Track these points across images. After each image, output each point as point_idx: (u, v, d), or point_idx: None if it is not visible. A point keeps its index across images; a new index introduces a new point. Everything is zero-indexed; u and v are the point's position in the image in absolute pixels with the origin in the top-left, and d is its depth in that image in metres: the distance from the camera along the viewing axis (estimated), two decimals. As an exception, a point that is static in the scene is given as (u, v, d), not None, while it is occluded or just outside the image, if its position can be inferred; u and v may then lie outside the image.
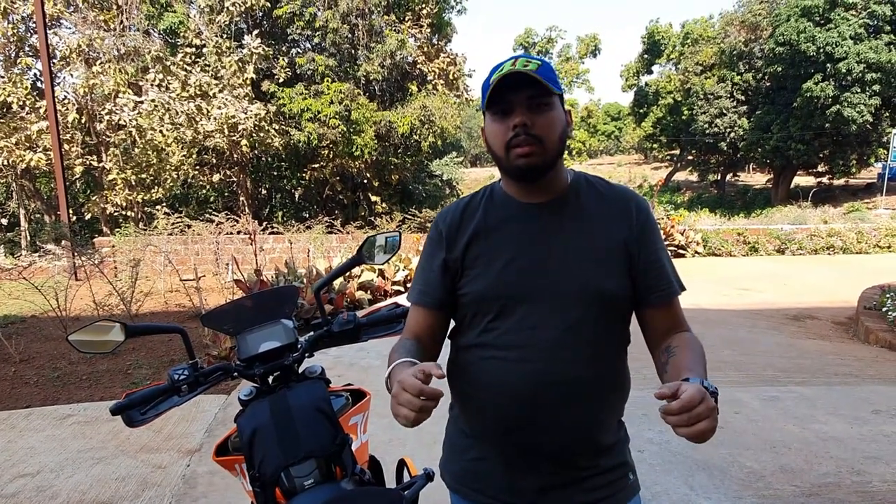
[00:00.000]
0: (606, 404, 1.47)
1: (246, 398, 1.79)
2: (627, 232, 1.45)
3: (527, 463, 1.45)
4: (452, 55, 25.32)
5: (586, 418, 1.43)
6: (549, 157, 1.40)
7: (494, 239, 1.47)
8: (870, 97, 31.19)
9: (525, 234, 1.46)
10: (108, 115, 16.18)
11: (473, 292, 1.47)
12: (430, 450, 3.98)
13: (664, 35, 48.48)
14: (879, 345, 7.17)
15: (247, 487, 1.75)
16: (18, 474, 3.79)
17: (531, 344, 1.40)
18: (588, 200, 1.48)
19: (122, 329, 1.68)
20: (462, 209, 1.56)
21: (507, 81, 1.36)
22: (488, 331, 1.46)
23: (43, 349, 6.72)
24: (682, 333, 1.48)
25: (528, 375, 1.40)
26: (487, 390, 1.45)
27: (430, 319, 1.57)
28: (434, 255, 1.55)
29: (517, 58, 1.39)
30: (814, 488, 3.52)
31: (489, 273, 1.45)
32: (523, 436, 1.43)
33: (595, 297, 1.41)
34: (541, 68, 1.37)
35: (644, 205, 1.51)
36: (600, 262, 1.42)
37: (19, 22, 16.27)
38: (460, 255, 1.50)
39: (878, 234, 16.62)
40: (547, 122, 1.38)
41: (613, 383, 1.49)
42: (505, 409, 1.43)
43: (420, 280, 1.58)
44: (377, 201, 24.16)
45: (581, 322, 1.40)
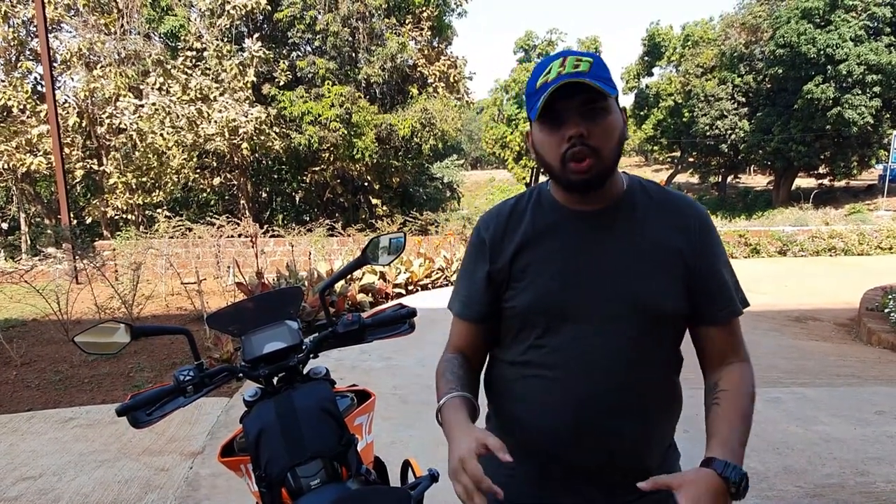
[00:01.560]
0: (654, 427, 1.40)
1: (251, 399, 1.79)
2: (685, 244, 1.35)
3: (565, 484, 1.39)
4: (453, 58, 25.34)
5: (632, 443, 1.36)
6: (607, 167, 1.29)
7: (543, 248, 1.38)
8: (870, 99, 31.21)
9: (576, 244, 1.36)
10: (108, 119, 16.19)
11: (520, 306, 1.39)
12: (435, 451, 3.98)
13: (664, 37, 48.47)
14: (882, 346, 7.17)
15: (252, 488, 1.74)
16: (21, 477, 3.79)
17: (578, 363, 1.33)
18: (643, 209, 1.38)
19: (128, 330, 1.68)
20: (507, 215, 1.45)
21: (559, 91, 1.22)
22: (534, 347, 1.38)
23: (44, 352, 6.71)
24: (735, 370, 1.38)
25: (574, 397, 1.33)
26: (531, 410, 1.39)
27: (473, 333, 1.51)
28: (477, 265, 1.46)
29: (565, 56, 1.26)
30: (817, 489, 3.52)
31: (537, 286, 1.36)
32: (565, 457, 1.37)
33: (647, 313, 1.33)
34: (593, 67, 1.24)
35: (705, 215, 1.41)
36: (655, 276, 1.33)
37: (20, 26, 16.29)
38: (507, 266, 1.40)
39: (879, 235, 16.61)
40: (604, 129, 1.26)
41: (663, 406, 1.42)
42: (548, 430, 1.37)
43: (462, 291, 1.51)
44: (378, 204, 24.16)
45: (632, 340, 1.33)
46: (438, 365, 1.50)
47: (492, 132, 49.86)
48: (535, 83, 1.27)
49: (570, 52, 1.29)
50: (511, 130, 47.52)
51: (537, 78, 1.27)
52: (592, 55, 1.27)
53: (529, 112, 1.30)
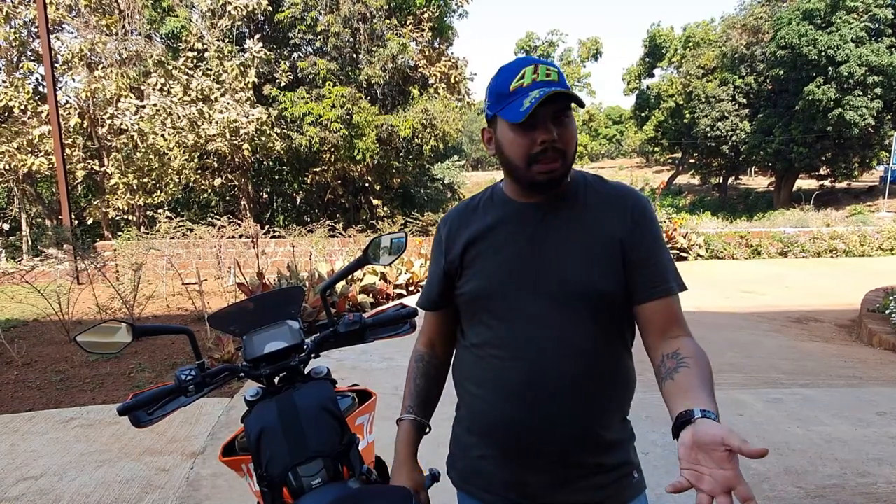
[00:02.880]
0: (606, 402, 1.46)
1: (252, 399, 1.79)
2: (623, 231, 1.43)
3: (529, 461, 1.45)
4: (454, 59, 25.32)
5: (585, 417, 1.42)
6: (568, 168, 1.41)
7: (491, 240, 1.48)
8: (871, 100, 31.22)
9: (521, 233, 1.46)
10: (109, 120, 16.19)
11: (469, 292, 1.50)
12: (434, 451, 3.97)
13: (666, 38, 48.54)
14: (883, 347, 7.17)
15: (254, 487, 1.74)
16: (22, 477, 3.79)
17: (527, 342, 1.41)
18: (586, 198, 1.47)
19: (130, 330, 1.68)
20: (461, 212, 1.60)
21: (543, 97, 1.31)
22: (485, 330, 1.48)
23: (45, 353, 6.72)
24: (689, 343, 1.38)
25: (525, 374, 1.41)
26: (486, 389, 1.48)
27: (436, 322, 1.67)
28: (436, 259, 1.61)
29: (535, 63, 1.37)
30: (818, 490, 3.52)
31: (484, 273, 1.48)
32: (523, 434, 1.43)
33: (588, 295, 1.41)
34: (560, 77, 1.36)
35: (641, 201, 1.48)
36: (595, 259, 1.41)
37: (21, 26, 16.30)
38: (457, 258, 1.53)
39: (880, 236, 16.62)
40: (570, 134, 1.37)
41: (613, 381, 1.47)
42: (503, 407, 1.44)
43: (427, 284, 1.66)
44: (379, 205, 24.16)
45: (576, 320, 1.41)
46: (410, 359, 1.74)
47: (492, 133, 49.86)
48: (508, 86, 1.37)
49: (536, 59, 1.40)
50: (512, 131, 47.48)
51: (509, 81, 1.37)
52: (555, 66, 1.39)
53: (505, 112, 1.37)
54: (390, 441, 1.68)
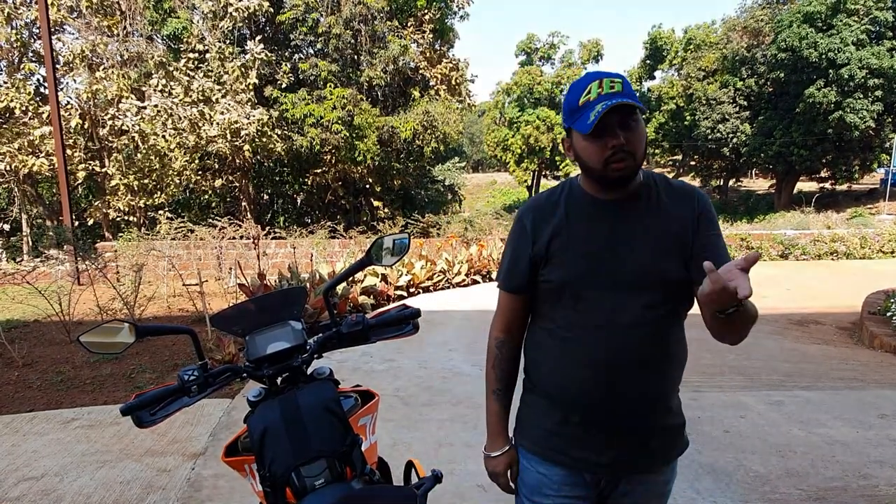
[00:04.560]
0: (672, 375, 1.68)
1: (255, 399, 1.79)
2: (689, 222, 1.62)
3: (606, 425, 1.65)
4: (455, 60, 25.34)
5: (655, 387, 1.65)
6: (639, 165, 1.58)
7: (574, 232, 1.66)
8: (872, 103, 31.23)
9: (602, 227, 1.64)
10: (110, 121, 16.18)
11: (557, 280, 1.66)
12: (436, 453, 3.98)
13: (666, 40, 48.49)
14: (884, 350, 7.16)
15: (257, 487, 1.74)
16: (23, 478, 3.79)
17: (609, 324, 1.60)
18: (657, 196, 1.66)
19: (132, 330, 1.68)
20: (543, 205, 1.74)
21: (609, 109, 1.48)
22: (570, 313, 1.65)
23: (46, 353, 6.71)
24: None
25: (604, 352, 1.60)
26: (569, 365, 1.66)
27: (516, 303, 1.80)
28: (520, 246, 1.74)
29: (600, 77, 1.53)
30: (820, 492, 3.51)
31: (570, 263, 1.65)
32: (602, 403, 1.63)
33: (662, 283, 1.60)
34: (624, 86, 1.52)
35: (704, 198, 1.68)
36: (667, 250, 1.61)
37: (23, 27, 16.29)
38: (544, 247, 1.68)
39: (881, 239, 16.59)
40: (637, 137, 1.54)
41: (677, 354, 1.68)
42: (584, 381, 1.63)
43: (508, 269, 1.79)
44: (379, 206, 24.15)
45: (650, 304, 1.59)
46: (489, 345, 1.86)
47: (493, 135, 49.87)
48: (578, 101, 1.55)
49: (602, 73, 1.56)
50: (513, 133, 47.54)
51: (578, 96, 1.55)
52: (620, 76, 1.55)
53: (576, 125, 1.56)
54: (392, 442, 1.68)
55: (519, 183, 51.35)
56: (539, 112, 46.76)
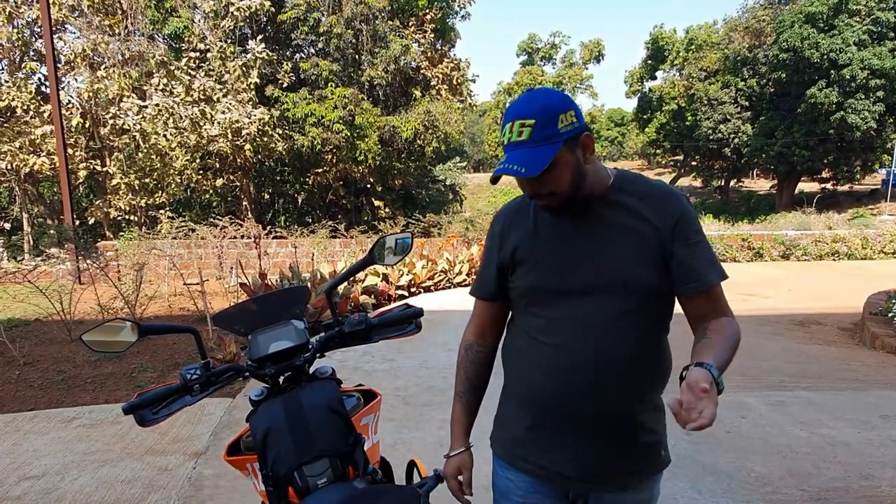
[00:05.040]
0: (645, 384, 1.61)
1: (257, 398, 1.78)
2: (662, 228, 1.54)
3: (573, 436, 1.60)
4: (456, 60, 25.35)
5: (624, 398, 1.57)
6: (567, 198, 1.51)
7: (542, 238, 1.62)
8: (874, 103, 31.22)
9: (568, 233, 1.59)
10: (112, 120, 16.19)
11: (522, 287, 1.64)
12: (437, 453, 3.97)
13: (668, 41, 48.52)
14: (885, 350, 7.15)
15: (259, 487, 1.74)
16: (24, 477, 3.78)
17: (574, 332, 1.56)
18: (628, 199, 1.58)
19: (135, 329, 1.68)
20: (514, 210, 1.72)
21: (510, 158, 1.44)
22: (537, 320, 1.62)
23: (47, 352, 6.71)
24: (722, 321, 1.57)
25: (571, 360, 1.55)
26: (537, 371, 1.62)
27: (489, 310, 1.80)
28: (490, 253, 1.74)
29: (513, 120, 1.46)
30: (822, 493, 3.51)
31: (537, 270, 1.61)
32: (569, 411, 1.58)
33: (632, 289, 1.54)
34: (535, 130, 1.42)
35: (680, 201, 1.59)
36: (638, 256, 1.54)
37: (24, 26, 16.29)
38: (509, 254, 1.66)
39: (882, 239, 16.59)
40: (551, 181, 1.47)
41: (651, 364, 1.61)
42: (552, 388, 1.58)
43: (480, 276, 1.79)
44: (380, 206, 24.16)
45: (619, 312, 1.54)
46: (460, 347, 1.85)
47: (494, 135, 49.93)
48: (501, 138, 1.51)
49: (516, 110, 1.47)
50: (514, 133, 47.47)
51: (503, 132, 1.50)
52: (536, 111, 1.44)
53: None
54: (392, 442, 1.67)
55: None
56: (540, 112, 46.70)
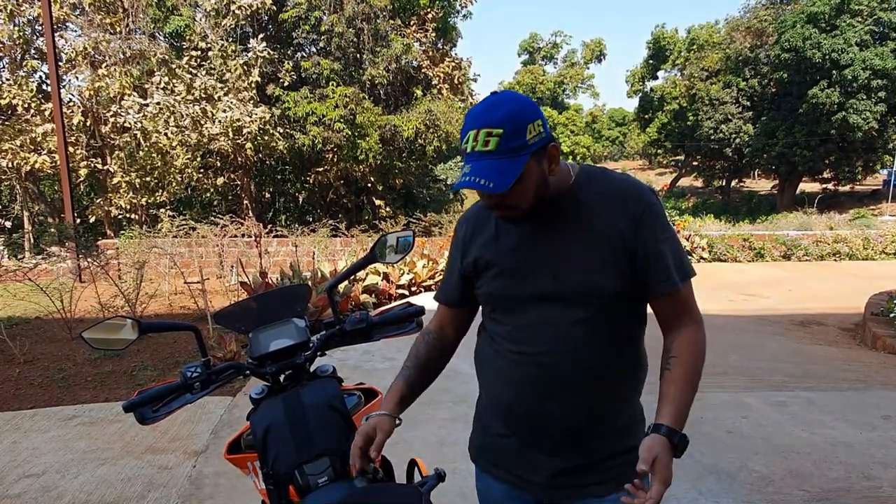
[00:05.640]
0: (614, 392, 1.55)
1: (258, 396, 1.78)
2: (627, 229, 1.47)
3: (540, 445, 1.55)
4: (457, 59, 25.34)
5: (591, 407, 1.51)
6: (525, 210, 1.45)
7: (503, 244, 1.55)
8: (875, 104, 31.21)
9: (530, 237, 1.52)
10: (112, 118, 16.18)
11: (485, 293, 1.60)
12: (437, 452, 3.97)
13: (670, 41, 48.50)
14: (887, 351, 7.14)
15: (259, 485, 1.73)
16: (24, 475, 3.78)
17: (535, 340, 1.50)
18: (590, 197, 1.50)
19: (135, 326, 1.67)
20: (477, 214, 1.65)
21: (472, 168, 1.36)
22: (501, 327, 1.58)
23: (47, 350, 6.71)
24: (686, 335, 1.53)
25: (535, 368, 1.50)
26: (502, 379, 1.58)
27: (450, 315, 1.75)
28: (454, 258, 1.69)
29: (479, 128, 1.36)
30: (823, 493, 3.50)
31: (499, 276, 1.55)
32: (534, 422, 1.53)
33: (593, 293, 1.47)
34: (502, 140, 1.34)
35: (643, 197, 1.50)
36: (600, 260, 1.47)
37: (25, 24, 16.28)
38: (472, 260, 1.60)
39: (884, 240, 16.58)
40: (515, 195, 1.39)
41: (622, 371, 1.55)
42: (517, 397, 1.54)
43: (444, 281, 1.75)
44: (381, 205, 24.14)
45: (584, 318, 1.47)
46: (417, 335, 1.80)
47: (495, 134, 49.85)
48: (462, 144, 1.40)
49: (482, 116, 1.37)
50: (515, 133, 47.47)
51: (463, 136, 1.39)
52: (503, 119, 1.35)
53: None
54: (393, 441, 1.66)
55: (521, 182, 51.35)
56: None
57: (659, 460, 1.34)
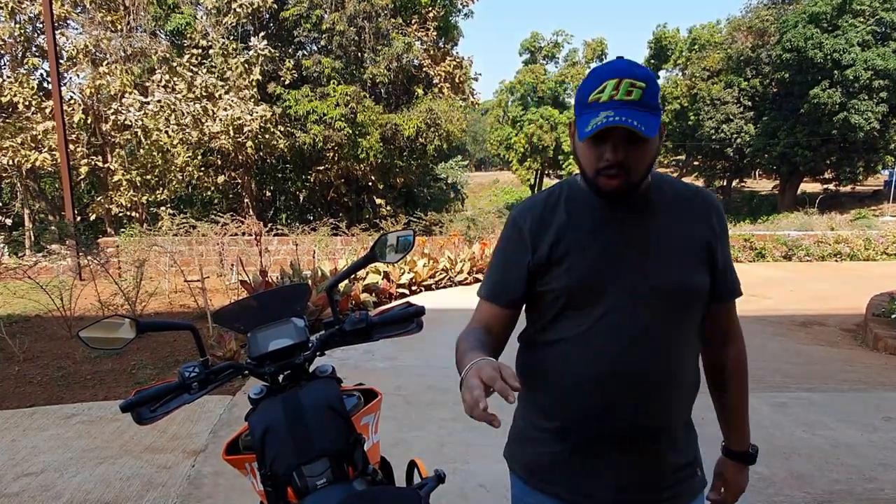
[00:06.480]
0: (682, 400, 1.50)
1: (256, 397, 1.76)
2: (709, 231, 1.47)
3: (604, 456, 1.46)
4: (459, 58, 25.34)
5: (663, 414, 1.46)
6: (634, 183, 1.38)
7: (578, 237, 1.45)
8: (877, 104, 31.20)
9: (609, 232, 1.44)
10: (113, 116, 16.18)
11: (559, 289, 1.46)
12: (438, 452, 3.95)
13: (671, 40, 48.46)
14: (888, 352, 7.12)
15: (257, 487, 1.72)
16: (22, 473, 3.77)
17: (615, 337, 1.41)
18: (669, 199, 1.48)
19: (133, 325, 1.66)
20: (542, 206, 1.52)
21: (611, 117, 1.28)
22: (571, 326, 1.46)
23: (47, 348, 6.70)
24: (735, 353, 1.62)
25: (610, 368, 1.41)
26: (569, 383, 1.46)
27: (503, 317, 1.55)
28: (515, 254, 1.52)
29: (621, 76, 1.31)
30: (825, 495, 3.48)
31: (577, 269, 1.44)
32: (602, 428, 1.44)
33: (680, 293, 1.43)
34: (645, 94, 1.30)
35: (720, 207, 1.53)
36: (684, 258, 1.44)
37: (26, 22, 16.29)
38: (546, 254, 1.47)
39: (885, 240, 16.57)
40: (640, 155, 1.35)
41: (689, 379, 1.51)
42: (585, 401, 1.44)
43: (498, 278, 1.57)
44: (382, 204, 24.15)
45: (664, 318, 1.42)
46: (460, 335, 1.53)
47: (496, 133, 49.88)
48: (588, 96, 1.34)
49: (626, 68, 1.33)
50: (516, 132, 47.52)
51: (590, 91, 1.33)
52: (647, 76, 1.32)
53: (579, 123, 1.35)
54: (394, 441, 1.65)
55: (522, 182, 51.36)
56: (542, 111, 46.75)
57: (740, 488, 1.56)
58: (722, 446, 1.60)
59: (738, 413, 1.61)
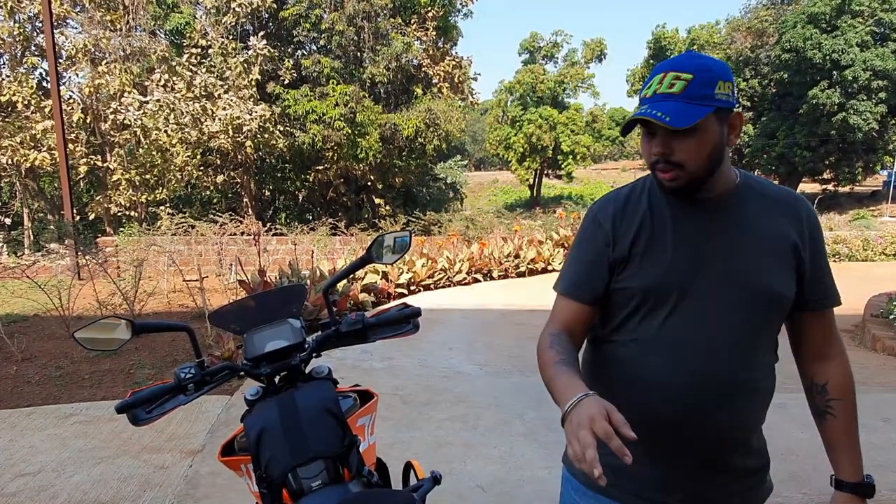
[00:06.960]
0: (759, 406, 1.46)
1: (252, 398, 1.76)
2: (797, 235, 1.42)
3: (677, 462, 1.43)
4: (458, 58, 25.34)
5: (741, 419, 1.43)
6: (695, 178, 1.34)
7: (661, 232, 1.42)
8: (876, 105, 31.21)
9: (692, 228, 1.41)
10: (112, 115, 16.19)
11: (637, 286, 1.42)
12: (435, 452, 3.95)
13: (670, 40, 48.42)
14: (886, 353, 7.11)
15: (253, 488, 1.72)
16: (19, 473, 3.76)
17: (694, 340, 1.38)
18: (756, 200, 1.43)
19: (129, 326, 1.66)
20: (623, 202, 1.49)
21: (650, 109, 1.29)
22: (648, 326, 1.42)
23: (45, 348, 6.69)
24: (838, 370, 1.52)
25: (689, 372, 1.37)
26: (644, 386, 1.42)
27: (584, 313, 1.50)
28: (595, 249, 1.49)
29: (667, 70, 1.31)
30: (823, 496, 3.48)
31: (656, 267, 1.41)
32: (678, 434, 1.40)
33: (763, 296, 1.39)
34: (689, 86, 1.28)
35: (813, 210, 1.48)
36: (769, 261, 1.40)
37: (26, 21, 16.30)
38: (626, 249, 1.43)
39: (884, 241, 16.56)
40: (688, 147, 1.30)
41: (768, 385, 1.47)
42: (661, 405, 1.39)
43: (578, 273, 1.52)
44: (381, 204, 24.15)
45: (746, 321, 1.39)
46: (541, 339, 1.48)
47: (496, 133, 49.84)
48: (644, 90, 1.35)
49: (679, 61, 1.33)
50: (515, 132, 47.49)
51: (644, 86, 1.35)
52: (697, 67, 1.30)
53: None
54: (391, 442, 1.64)
55: (521, 182, 51.33)
56: (542, 111, 46.72)
57: None
58: (831, 478, 1.51)
59: (846, 437, 1.49)
